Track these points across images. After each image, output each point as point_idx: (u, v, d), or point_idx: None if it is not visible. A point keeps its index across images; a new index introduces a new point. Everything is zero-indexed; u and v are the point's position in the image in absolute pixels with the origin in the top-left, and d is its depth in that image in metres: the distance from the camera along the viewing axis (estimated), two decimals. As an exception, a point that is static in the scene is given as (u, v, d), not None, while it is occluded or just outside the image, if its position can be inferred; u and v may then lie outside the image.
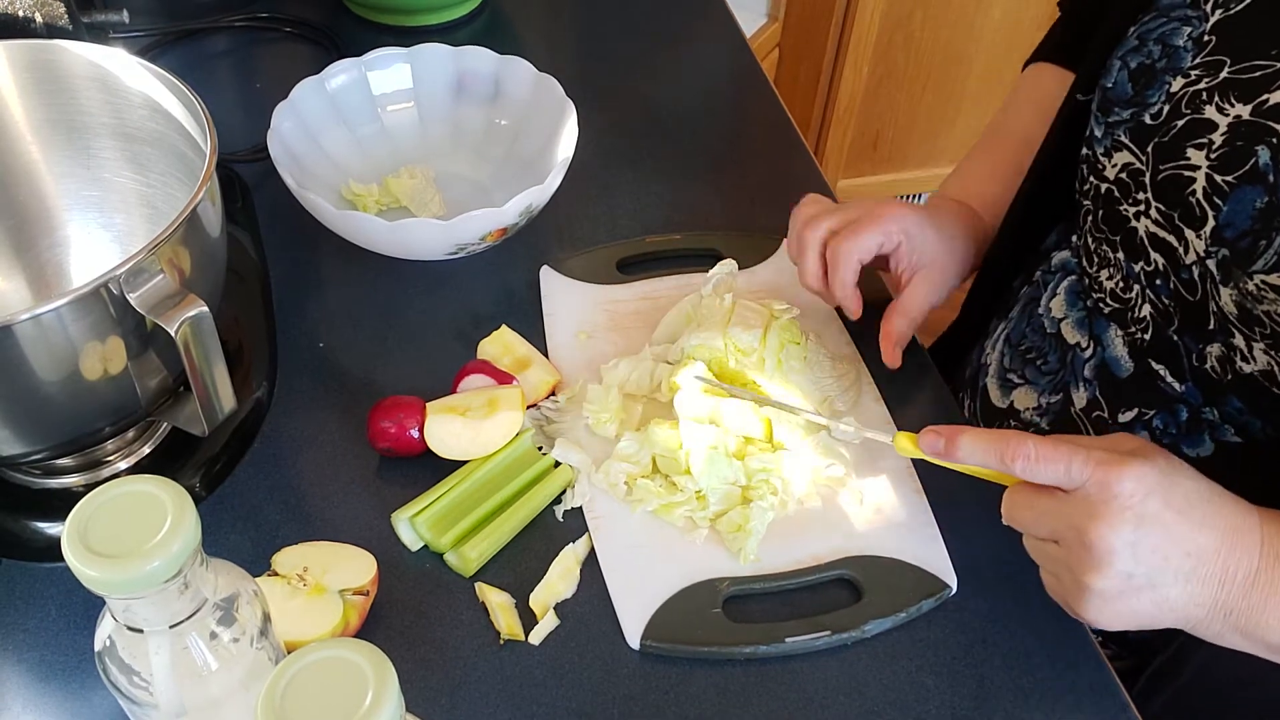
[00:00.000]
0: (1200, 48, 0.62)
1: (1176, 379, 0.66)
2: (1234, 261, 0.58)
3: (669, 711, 0.58)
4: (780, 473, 0.67)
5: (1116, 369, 0.70)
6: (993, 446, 0.55)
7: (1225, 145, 0.59)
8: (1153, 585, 0.53)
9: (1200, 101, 0.61)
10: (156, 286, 0.54)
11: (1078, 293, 0.74)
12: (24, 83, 0.67)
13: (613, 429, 0.70)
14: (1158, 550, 0.52)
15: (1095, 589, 0.53)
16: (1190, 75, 0.62)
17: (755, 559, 0.63)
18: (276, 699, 0.34)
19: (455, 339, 0.78)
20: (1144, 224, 0.65)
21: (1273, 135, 0.57)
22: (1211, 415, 0.65)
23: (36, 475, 0.66)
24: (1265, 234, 0.57)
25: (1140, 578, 0.52)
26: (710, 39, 1.12)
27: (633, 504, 0.66)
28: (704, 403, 0.68)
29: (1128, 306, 0.69)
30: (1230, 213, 0.58)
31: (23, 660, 0.59)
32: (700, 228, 0.87)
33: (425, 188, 0.86)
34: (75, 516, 0.38)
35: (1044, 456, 0.54)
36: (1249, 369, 0.61)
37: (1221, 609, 0.53)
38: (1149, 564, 0.52)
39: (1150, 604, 0.53)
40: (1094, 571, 0.52)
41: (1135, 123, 0.65)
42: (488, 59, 0.89)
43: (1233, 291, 0.59)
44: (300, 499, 0.67)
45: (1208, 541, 0.53)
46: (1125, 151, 0.66)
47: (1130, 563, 0.52)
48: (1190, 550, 0.53)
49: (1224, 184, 0.59)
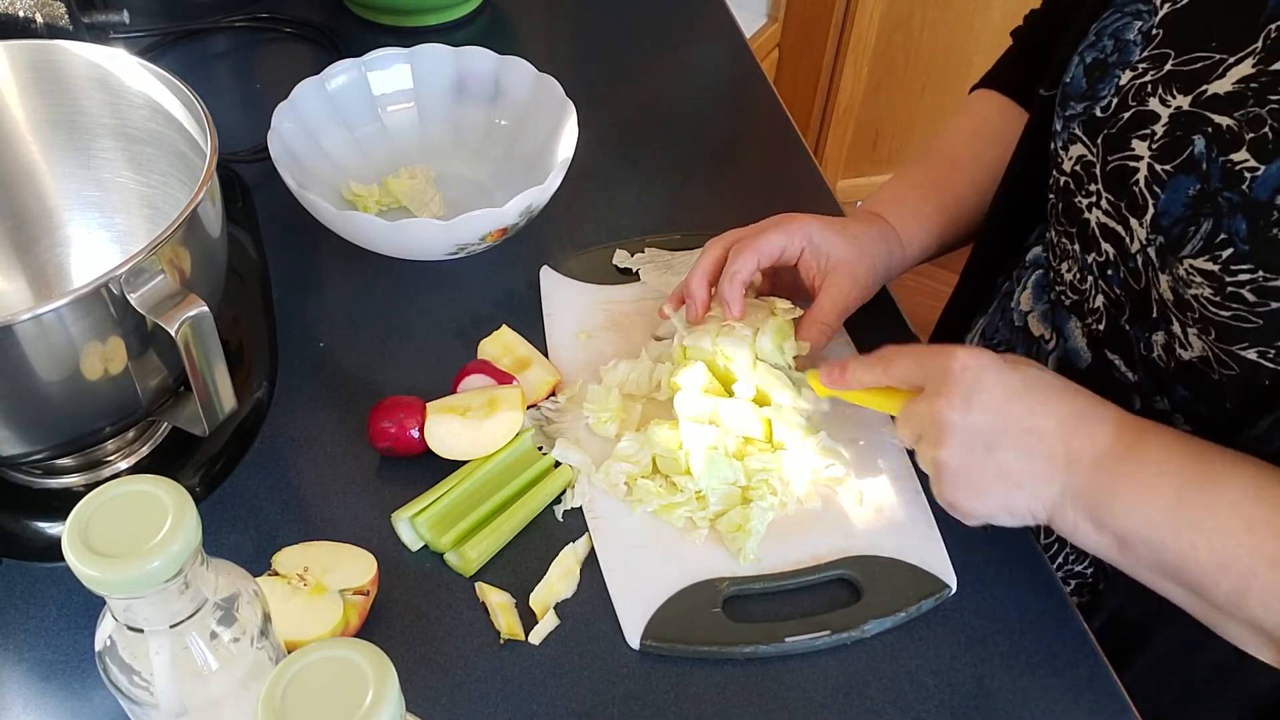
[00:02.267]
0: (1149, 41, 0.63)
1: (1130, 369, 0.68)
2: (1168, 248, 0.60)
3: (669, 711, 0.59)
4: (780, 473, 0.67)
5: (1077, 360, 0.71)
6: (869, 362, 0.63)
7: (1165, 136, 0.60)
8: (992, 456, 0.57)
9: (1145, 94, 0.62)
10: (157, 286, 0.54)
11: (1043, 286, 0.76)
12: (25, 83, 0.67)
13: (613, 429, 0.70)
14: (994, 424, 0.57)
15: (942, 462, 0.58)
16: (1138, 69, 0.63)
17: (755, 559, 0.63)
18: (277, 699, 0.34)
19: (455, 339, 0.78)
20: (1095, 215, 0.66)
21: (1208, 125, 0.58)
22: (1163, 404, 0.66)
23: (37, 475, 0.66)
24: (1195, 220, 0.58)
25: (978, 448, 0.57)
26: (710, 39, 1.12)
27: (633, 504, 0.66)
28: (704, 403, 0.68)
29: (1084, 298, 0.70)
30: (1167, 200, 0.60)
31: (23, 660, 0.59)
32: (700, 228, 0.87)
33: (425, 188, 0.86)
34: (76, 516, 0.38)
35: (900, 352, 0.62)
36: (1187, 356, 0.62)
37: (1071, 491, 0.56)
38: (985, 435, 0.57)
39: (996, 478, 0.57)
40: (939, 445, 0.58)
41: (1088, 116, 0.66)
42: (488, 59, 0.89)
43: (1168, 277, 0.61)
44: (300, 499, 0.67)
45: (1050, 420, 0.57)
46: (1079, 144, 0.67)
47: (967, 432, 0.57)
48: (1030, 427, 0.56)
49: (1163, 173, 0.60)
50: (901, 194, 0.80)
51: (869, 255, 0.74)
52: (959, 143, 0.84)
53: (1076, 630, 0.63)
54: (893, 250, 0.77)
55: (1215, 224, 0.57)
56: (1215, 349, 0.59)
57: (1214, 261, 0.57)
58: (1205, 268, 0.57)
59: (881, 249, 0.75)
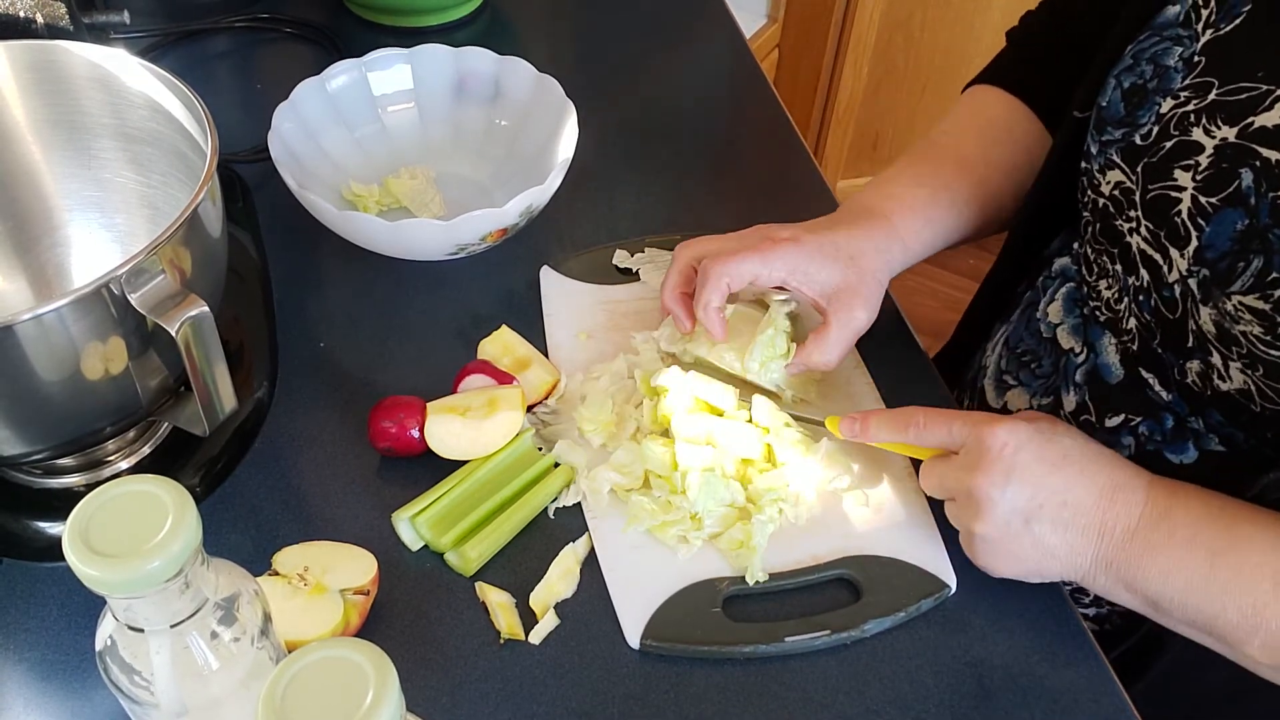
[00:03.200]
0: (1190, 69, 0.62)
1: (1164, 388, 0.67)
2: (1213, 282, 0.59)
3: (669, 711, 0.59)
4: (786, 492, 0.66)
5: (1107, 375, 0.70)
6: (895, 422, 0.64)
7: (1211, 167, 0.59)
8: (1029, 530, 0.58)
9: (1188, 124, 0.61)
10: (157, 286, 0.54)
11: (1075, 300, 0.74)
12: (25, 83, 0.67)
13: (598, 440, 0.69)
14: (1032, 499, 0.58)
15: (980, 535, 0.59)
16: (1180, 97, 0.62)
17: (764, 577, 0.63)
18: (277, 699, 0.34)
19: (455, 339, 0.78)
20: (1136, 240, 0.65)
21: (1256, 158, 0.57)
22: (1197, 425, 0.66)
23: (37, 475, 0.66)
24: (1244, 255, 0.57)
25: (1016, 523, 0.58)
26: (710, 39, 1.12)
27: (627, 521, 0.66)
28: (701, 423, 0.68)
29: (1118, 317, 0.69)
30: (1212, 234, 0.59)
31: (23, 660, 0.59)
32: (700, 228, 0.87)
33: (425, 188, 0.86)
34: (76, 516, 0.38)
35: (929, 423, 0.62)
36: (1225, 387, 0.61)
37: (1103, 561, 0.58)
38: (1023, 511, 0.58)
39: (1032, 549, 0.59)
40: (977, 519, 0.59)
41: (1126, 143, 0.65)
42: (488, 59, 0.89)
43: (1212, 311, 0.60)
44: (301, 499, 0.67)
45: (1085, 494, 0.58)
46: (1117, 170, 0.66)
47: (1006, 509, 0.58)
48: (1067, 500, 0.58)
49: (1208, 205, 0.59)
50: (908, 191, 0.77)
51: (869, 273, 0.71)
52: (967, 141, 0.81)
53: (1076, 630, 0.63)
54: (894, 257, 0.74)
55: (1267, 262, 0.56)
56: (1262, 384, 0.59)
57: (1265, 300, 0.56)
58: (1256, 306, 0.57)
59: (882, 262, 0.72)
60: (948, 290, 2.09)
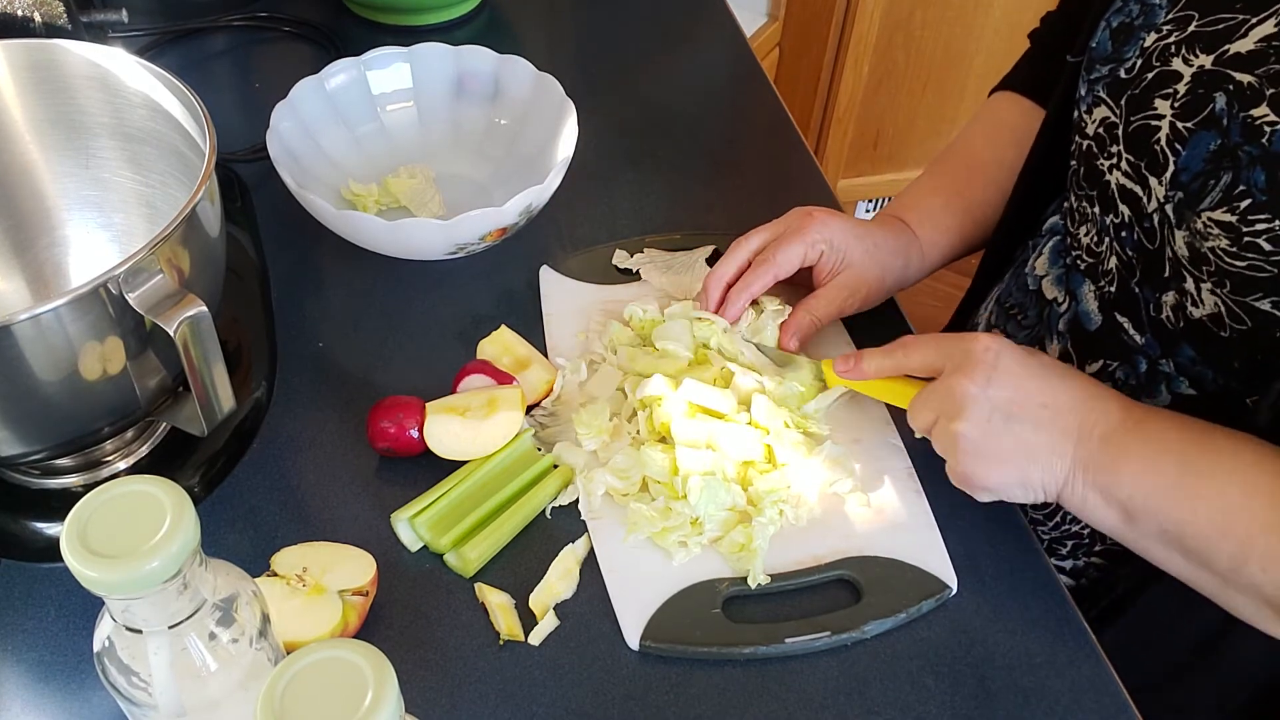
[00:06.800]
0: (1174, 4, 0.65)
1: (1137, 331, 0.69)
2: (1186, 203, 0.61)
3: (669, 712, 0.58)
4: (787, 494, 0.66)
5: (1087, 322, 0.72)
6: (887, 349, 0.66)
7: (1188, 94, 0.62)
8: (1010, 428, 0.59)
9: (1169, 54, 0.63)
10: (155, 286, 0.54)
11: (1059, 251, 0.77)
12: (23, 82, 0.67)
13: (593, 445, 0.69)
14: (1011, 397, 0.60)
15: (961, 433, 0.60)
16: (1162, 30, 0.64)
17: (766, 580, 0.63)
18: (276, 699, 0.34)
19: (455, 339, 0.77)
20: (1115, 176, 0.67)
21: (1229, 82, 0.60)
22: (1167, 367, 0.68)
23: (35, 475, 0.66)
24: (1214, 174, 0.60)
25: (998, 420, 0.60)
26: (710, 39, 1.12)
27: (628, 529, 0.65)
28: (701, 427, 0.67)
29: (1099, 260, 0.71)
30: (1188, 157, 0.61)
31: (22, 661, 0.59)
32: (700, 228, 0.87)
33: (425, 187, 0.86)
34: (74, 517, 0.38)
35: (920, 341, 0.65)
36: (1198, 313, 0.63)
37: (1080, 463, 0.59)
38: (1004, 408, 0.60)
39: (1013, 448, 0.60)
40: (959, 418, 0.60)
41: (1112, 78, 0.67)
42: (487, 58, 0.89)
43: (1184, 233, 0.62)
44: (300, 499, 0.67)
45: (1063, 398, 0.60)
46: (1103, 106, 0.68)
47: (986, 406, 0.60)
48: (1046, 402, 0.60)
49: (1184, 130, 0.62)
50: (923, 199, 0.82)
51: (880, 266, 0.76)
52: (980, 146, 0.85)
53: (1077, 630, 0.63)
54: (910, 261, 0.79)
55: (1235, 176, 0.58)
56: (1229, 301, 0.61)
57: (1232, 213, 0.58)
58: (1223, 219, 0.59)
59: (897, 263, 0.78)
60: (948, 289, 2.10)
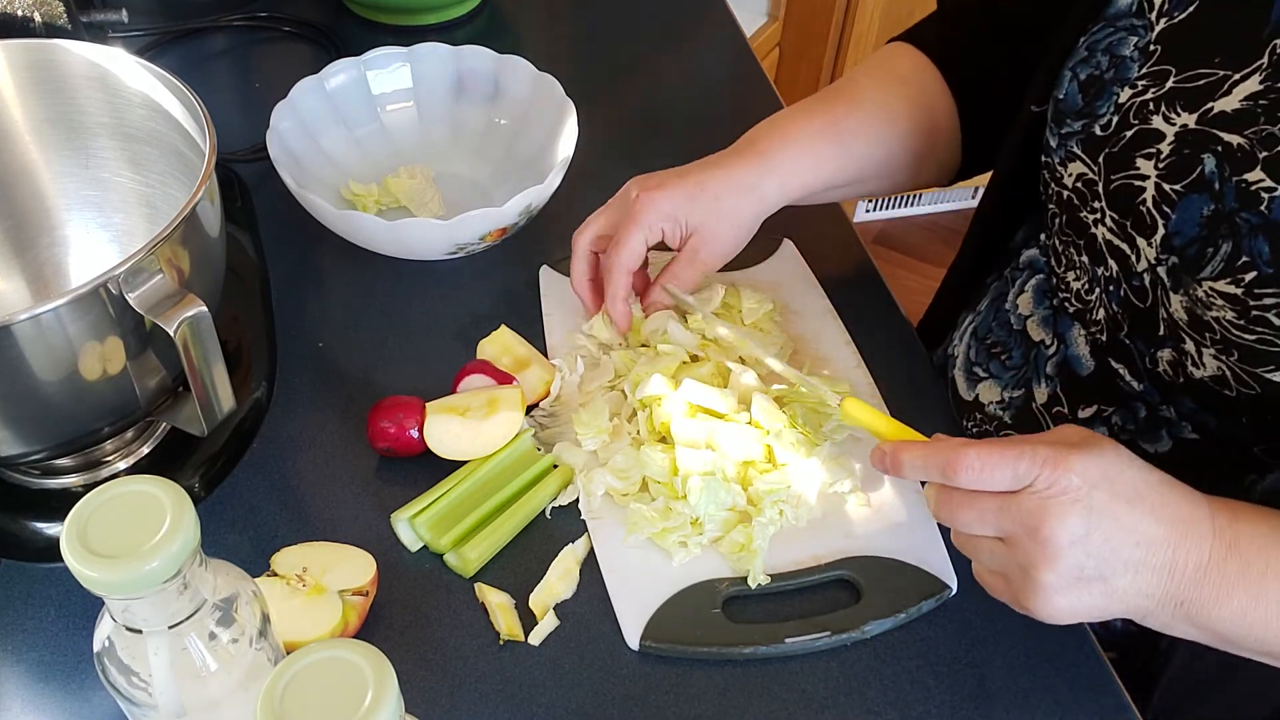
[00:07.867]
0: (1147, 57, 0.62)
1: (1135, 378, 0.67)
2: (1183, 269, 0.59)
3: (669, 712, 0.58)
4: (787, 494, 0.66)
5: (1077, 366, 0.70)
6: (934, 462, 0.55)
7: (1173, 154, 0.59)
8: (1103, 577, 0.52)
9: (1148, 112, 0.61)
10: (155, 286, 0.54)
11: (1045, 291, 0.74)
12: (23, 82, 0.67)
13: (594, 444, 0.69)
14: (1108, 542, 0.52)
15: (1046, 583, 0.52)
16: (1137, 85, 0.62)
17: (766, 580, 0.63)
18: (276, 699, 0.34)
19: (455, 339, 0.77)
20: (1101, 231, 0.65)
21: (1217, 143, 0.57)
22: (1169, 413, 0.66)
23: (35, 475, 0.66)
24: (1212, 241, 0.57)
25: (1091, 570, 0.52)
26: (710, 39, 1.12)
27: (628, 530, 0.65)
28: (701, 427, 0.67)
29: (1089, 307, 0.69)
30: (1179, 221, 0.59)
31: (22, 661, 0.59)
32: (700, 227, 0.87)
33: (425, 188, 0.86)
34: (74, 517, 0.38)
35: (989, 465, 0.53)
36: (1199, 374, 0.61)
37: (1172, 600, 0.53)
38: (1099, 556, 0.52)
39: (1100, 595, 0.53)
40: (1045, 567, 0.52)
41: (1086, 134, 0.65)
42: (487, 58, 0.89)
43: (1183, 298, 0.60)
44: (300, 499, 0.67)
45: (1157, 531, 0.52)
46: (1079, 162, 0.66)
47: (1081, 556, 0.52)
48: (1139, 540, 0.52)
49: (1172, 193, 0.59)
50: (794, 125, 0.77)
51: (728, 215, 0.73)
52: (867, 85, 0.80)
53: (1077, 630, 0.63)
54: (766, 194, 0.74)
55: (1235, 246, 0.56)
56: (1236, 369, 0.59)
57: (1237, 285, 0.56)
58: (1227, 291, 0.56)
59: (748, 201, 0.73)
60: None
